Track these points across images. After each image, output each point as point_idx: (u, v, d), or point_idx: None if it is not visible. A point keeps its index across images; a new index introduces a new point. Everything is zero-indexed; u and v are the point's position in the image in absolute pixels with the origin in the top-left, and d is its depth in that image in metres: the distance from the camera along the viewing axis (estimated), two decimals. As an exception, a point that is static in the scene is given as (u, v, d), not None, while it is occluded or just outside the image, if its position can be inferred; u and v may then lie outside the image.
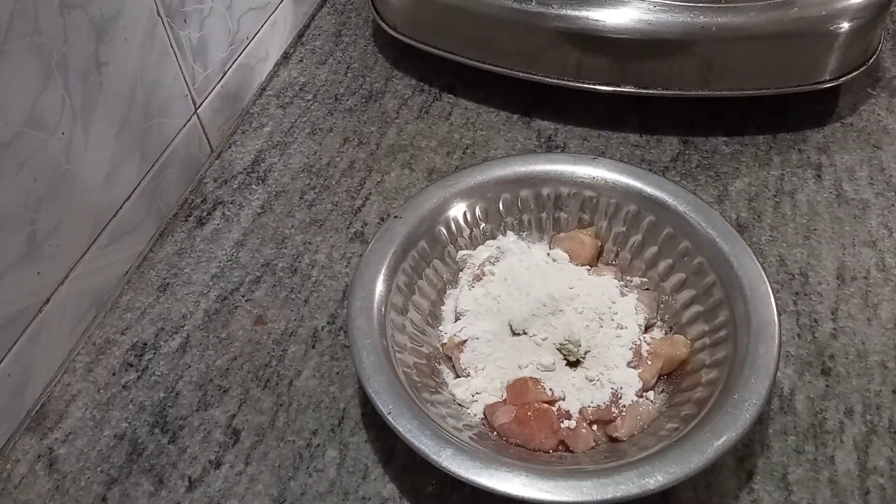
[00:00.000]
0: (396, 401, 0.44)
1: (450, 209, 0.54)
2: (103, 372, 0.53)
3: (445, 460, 0.41)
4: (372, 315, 0.48)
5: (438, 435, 0.42)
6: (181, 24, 0.60)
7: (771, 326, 0.46)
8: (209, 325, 0.56)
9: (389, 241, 0.51)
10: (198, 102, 0.64)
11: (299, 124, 0.70)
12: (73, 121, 0.50)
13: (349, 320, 0.47)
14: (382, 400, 0.44)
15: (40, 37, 0.46)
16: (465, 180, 0.55)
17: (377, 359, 0.45)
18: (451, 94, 0.72)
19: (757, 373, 0.44)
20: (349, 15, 0.81)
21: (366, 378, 0.45)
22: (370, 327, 0.47)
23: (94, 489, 0.48)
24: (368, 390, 0.44)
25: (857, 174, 0.63)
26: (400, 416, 0.43)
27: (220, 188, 0.65)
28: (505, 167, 0.56)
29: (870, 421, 0.49)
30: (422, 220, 0.53)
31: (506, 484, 0.40)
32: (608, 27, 0.62)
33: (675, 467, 0.40)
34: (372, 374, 0.45)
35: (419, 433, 0.42)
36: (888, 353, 0.52)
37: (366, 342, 0.46)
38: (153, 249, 0.61)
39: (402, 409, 0.43)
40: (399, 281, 0.51)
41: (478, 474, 0.41)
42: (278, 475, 0.48)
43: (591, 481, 0.40)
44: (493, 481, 0.40)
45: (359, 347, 0.46)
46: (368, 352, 0.46)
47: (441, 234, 0.54)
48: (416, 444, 0.42)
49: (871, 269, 0.56)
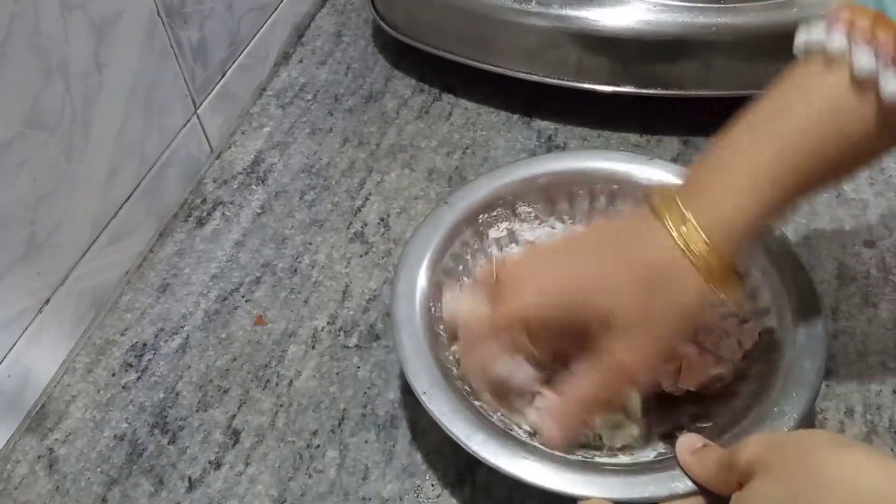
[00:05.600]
0: (433, 383, 0.44)
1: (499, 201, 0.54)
2: (103, 372, 0.53)
3: (476, 446, 0.41)
4: (414, 300, 0.48)
5: (471, 420, 0.42)
6: (181, 25, 0.60)
7: (818, 342, 0.45)
8: (209, 326, 0.56)
9: (435, 227, 0.52)
10: (198, 102, 0.64)
11: (299, 124, 0.70)
12: (73, 121, 0.50)
13: (393, 302, 0.48)
14: (419, 381, 0.44)
15: (40, 37, 0.46)
16: (517, 172, 0.55)
17: (416, 341, 0.46)
18: (451, 94, 0.72)
19: (801, 388, 0.43)
20: (349, 15, 0.81)
21: (404, 360, 0.45)
22: (412, 311, 0.48)
23: (94, 490, 0.48)
24: (406, 371, 0.45)
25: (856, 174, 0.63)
26: (435, 398, 0.43)
27: (220, 188, 0.65)
28: (558, 161, 0.56)
29: (870, 421, 0.49)
30: (470, 207, 0.53)
31: (534, 474, 0.40)
32: (608, 27, 0.62)
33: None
34: (411, 356, 0.45)
35: (452, 417, 0.42)
36: (888, 353, 0.52)
37: (406, 325, 0.47)
38: (153, 250, 0.61)
39: (438, 391, 0.44)
40: (444, 266, 0.51)
41: (507, 463, 0.41)
42: (278, 476, 0.48)
43: (618, 478, 0.40)
44: (521, 471, 0.41)
45: (400, 330, 0.46)
46: (409, 335, 0.46)
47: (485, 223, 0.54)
48: (449, 427, 0.42)
49: (871, 269, 0.56)
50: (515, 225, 0.55)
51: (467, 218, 0.53)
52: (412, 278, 0.49)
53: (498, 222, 0.54)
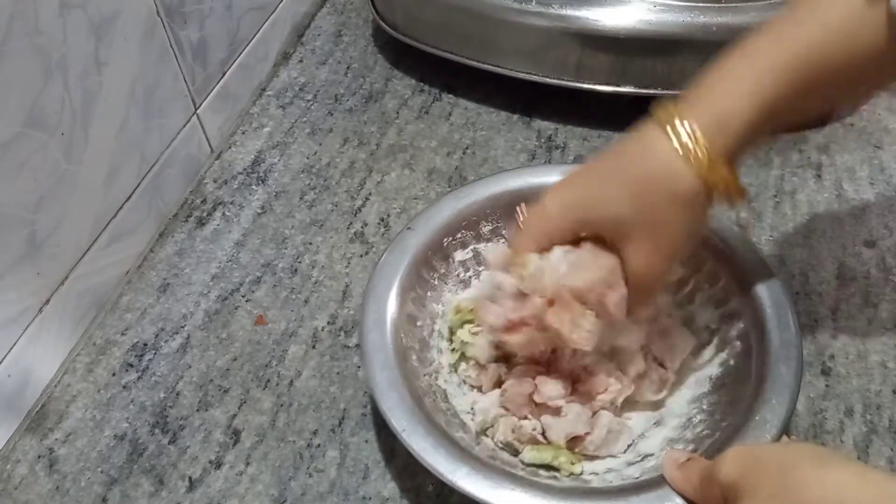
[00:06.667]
0: (410, 418, 0.43)
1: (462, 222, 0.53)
2: (103, 372, 0.53)
3: (460, 479, 0.41)
4: (385, 329, 0.47)
5: (452, 454, 0.42)
6: (181, 24, 0.60)
7: (792, 347, 0.45)
8: (209, 326, 0.56)
9: (402, 254, 0.51)
10: (198, 102, 0.64)
11: (299, 124, 0.70)
12: (73, 121, 0.50)
13: (362, 335, 0.47)
14: (396, 417, 0.43)
15: (40, 37, 0.46)
16: (478, 191, 0.54)
17: (390, 374, 0.45)
18: (451, 94, 0.72)
19: (778, 393, 0.43)
20: (349, 15, 0.81)
21: (379, 395, 0.44)
22: (383, 341, 0.46)
23: (95, 489, 0.48)
24: (382, 407, 0.43)
25: (857, 174, 0.63)
26: (414, 433, 0.42)
27: (220, 188, 0.65)
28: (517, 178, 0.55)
29: (870, 421, 0.49)
30: (434, 232, 0.52)
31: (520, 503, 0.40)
32: (608, 27, 0.62)
33: None
34: (385, 390, 0.44)
35: (433, 452, 0.42)
36: (888, 353, 0.52)
37: (379, 357, 0.46)
38: (153, 250, 0.61)
39: (416, 426, 0.43)
40: (413, 294, 0.50)
41: (491, 495, 0.40)
42: (279, 475, 0.48)
43: (607, 503, 0.40)
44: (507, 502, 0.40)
45: (372, 362, 0.45)
46: (382, 367, 0.45)
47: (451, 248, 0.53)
48: (431, 463, 0.41)
49: (871, 269, 0.56)
50: (480, 245, 0.54)
51: (432, 243, 0.52)
52: (381, 308, 0.48)
53: (463, 246, 0.54)
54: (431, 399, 0.46)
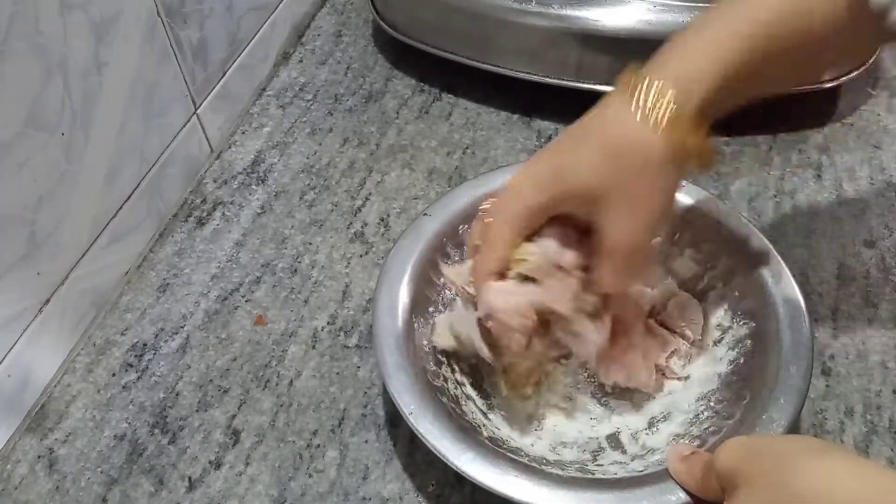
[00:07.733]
0: (419, 401, 0.43)
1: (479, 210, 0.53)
2: (103, 372, 0.53)
3: (465, 464, 0.41)
4: (397, 314, 0.48)
5: (459, 438, 0.42)
6: (181, 25, 0.60)
7: (804, 346, 0.45)
8: (209, 326, 0.56)
9: (417, 239, 0.51)
10: (198, 102, 0.64)
11: (299, 124, 0.70)
12: (73, 121, 0.50)
13: (374, 318, 0.47)
14: (404, 400, 0.43)
15: (40, 37, 0.46)
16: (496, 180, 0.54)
17: (400, 357, 0.45)
18: (451, 94, 0.72)
19: (787, 393, 0.43)
20: (349, 15, 0.81)
21: (388, 377, 0.44)
22: (394, 325, 0.47)
23: (94, 490, 0.48)
24: (390, 389, 0.44)
25: (857, 174, 0.63)
26: (421, 417, 0.43)
27: (220, 188, 0.65)
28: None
29: (870, 421, 0.49)
30: (451, 219, 0.52)
31: (525, 492, 0.40)
32: (608, 27, 0.62)
33: None
34: (394, 373, 0.45)
35: (440, 435, 0.42)
36: (888, 353, 0.52)
37: (389, 340, 0.46)
38: (153, 250, 0.61)
39: (425, 410, 0.43)
40: (426, 280, 0.50)
41: (496, 481, 0.40)
42: (278, 476, 0.48)
43: (611, 493, 0.40)
44: (511, 489, 0.40)
45: (382, 345, 0.46)
46: (392, 350, 0.46)
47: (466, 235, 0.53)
48: (437, 447, 0.42)
49: (871, 269, 0.56)
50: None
51: (448, 230, 0.52)
52: (394, 294, 0.48)
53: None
54: (441, 383, 0.47)
